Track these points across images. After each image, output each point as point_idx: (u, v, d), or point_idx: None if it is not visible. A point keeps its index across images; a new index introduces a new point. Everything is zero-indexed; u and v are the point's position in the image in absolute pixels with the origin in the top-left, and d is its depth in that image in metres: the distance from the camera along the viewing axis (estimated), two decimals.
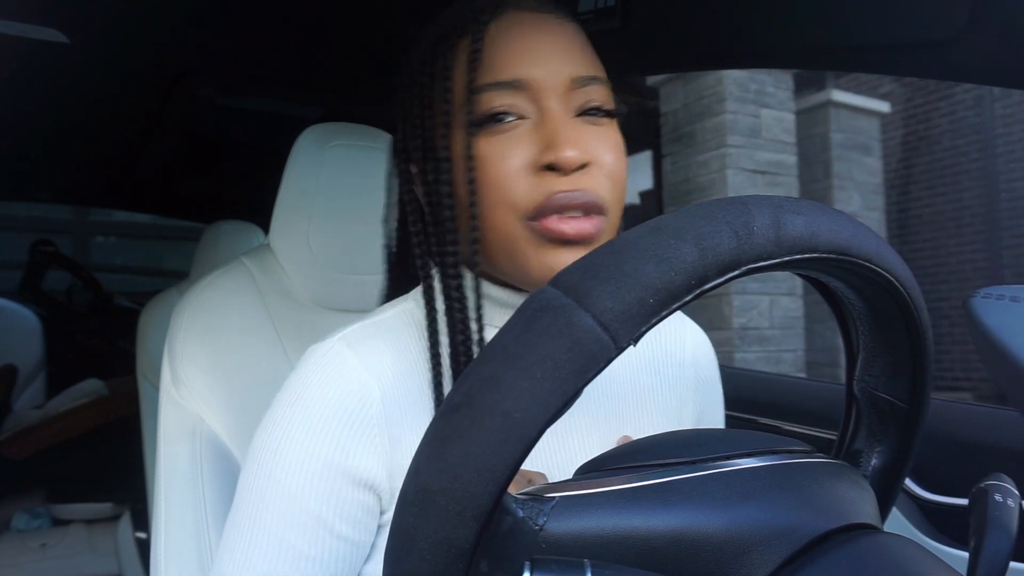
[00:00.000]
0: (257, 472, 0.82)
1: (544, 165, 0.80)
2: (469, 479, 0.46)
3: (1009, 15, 0.88)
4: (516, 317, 0.48)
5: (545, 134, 0.81)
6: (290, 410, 0.82)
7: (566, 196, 0.80)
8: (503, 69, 0.83)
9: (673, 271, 0.48)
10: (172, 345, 1.22)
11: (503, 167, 0.81)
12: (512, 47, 0.84)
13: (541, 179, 0.80)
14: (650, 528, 0.52)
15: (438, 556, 0.47)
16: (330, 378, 0.81)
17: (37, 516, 3.02)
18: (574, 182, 0.80)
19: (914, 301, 0.62)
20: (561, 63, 0.84)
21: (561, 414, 0.47)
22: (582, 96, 0.84)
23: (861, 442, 0.74)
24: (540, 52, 0.84)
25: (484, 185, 0.82)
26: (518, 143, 0.82)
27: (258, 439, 0.84)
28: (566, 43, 0.86)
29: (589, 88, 0.85)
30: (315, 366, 0.83)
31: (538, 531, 0.51)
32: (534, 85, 0.82)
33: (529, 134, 0.82)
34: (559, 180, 0.80)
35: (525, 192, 0.80)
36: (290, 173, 1.30)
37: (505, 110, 0.82)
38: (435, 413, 0.49)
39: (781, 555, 0.53)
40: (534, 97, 0.82)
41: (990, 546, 0.60)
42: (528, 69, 0.83)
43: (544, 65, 0.83)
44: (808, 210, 0.53)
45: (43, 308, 3.75)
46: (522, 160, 0.81)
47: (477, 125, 0.82)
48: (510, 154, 0.81)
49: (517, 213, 0.81)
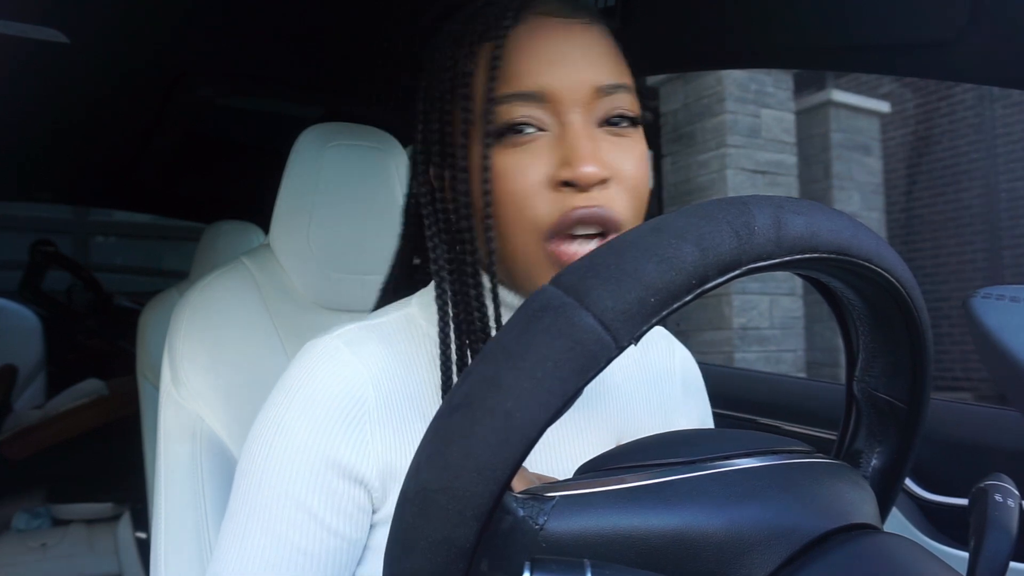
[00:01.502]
0: (252, 466, 0.82)
1: (561, 181, 0.78)
2: (470, 478, 0.46)
3: (1008, 15, 0.88)
4: (516, 317, 0.48)
5: (564, 149, 0.79)
6: (286, 404, 0.81)
7: (583, 212, 0.78)
8: (524, 79, 0.80)
9: (674, 271, 0.48)
10: (172, 345, 1.22)
11: (520, 182, 0.79)
12: (534, 55, 0.81)
13: (559, 195, 0.79)
14: (650, 528, 0.52)
15: (438, 555, 0.47)
16: (327, 374, 0.81)
17: (37, 516, 3.02)
18: (592, 198, 0.78)
19: (914, 301, 0.62)
20: (585, 72, 0.81)
21: (561, 414, 0.47)
22: (606, 105, 0.82)
23: (861, 442, 0.74)
24: (563, 61, 0.81)
25: (501, 199, 0.80)
26: (537, 157, 0.80)
27: (253, 432, 0.84)
28: (590, 50, 0.83)
29: (614, 96, 0.82)
30: (312, 362, 0.83)
31: (538, 530, 0.51)
32: (556, 96, 0.80)
33: (548, 147, 0.80)
34: (576, 196, 0.78)
35: (543, 209, 0.79)
36: (290, 173, 1.30)
37: (525, 122, 0.80)
38: (436, 413, 0.49)
39: (781, 555, 0.53)
40: (555, 109, 0.80)
41: (990, 546, 0.60)
42: (550, 79, 0.80)
43: (567, 75, 0.80)
44: (808, 210, 0.53)
45: (43, 308, 3.75)
46: (540, 175, 0.79)
47: (495, 136, 0.80)
48: (528, 169, 0.79)
49: (536, 232, 0.79)
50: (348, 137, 1.33)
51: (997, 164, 8.50)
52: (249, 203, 2.80)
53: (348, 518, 0.81)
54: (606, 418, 0.95)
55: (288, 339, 1.25)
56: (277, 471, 0.80)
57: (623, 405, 0.98)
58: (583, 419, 0.93)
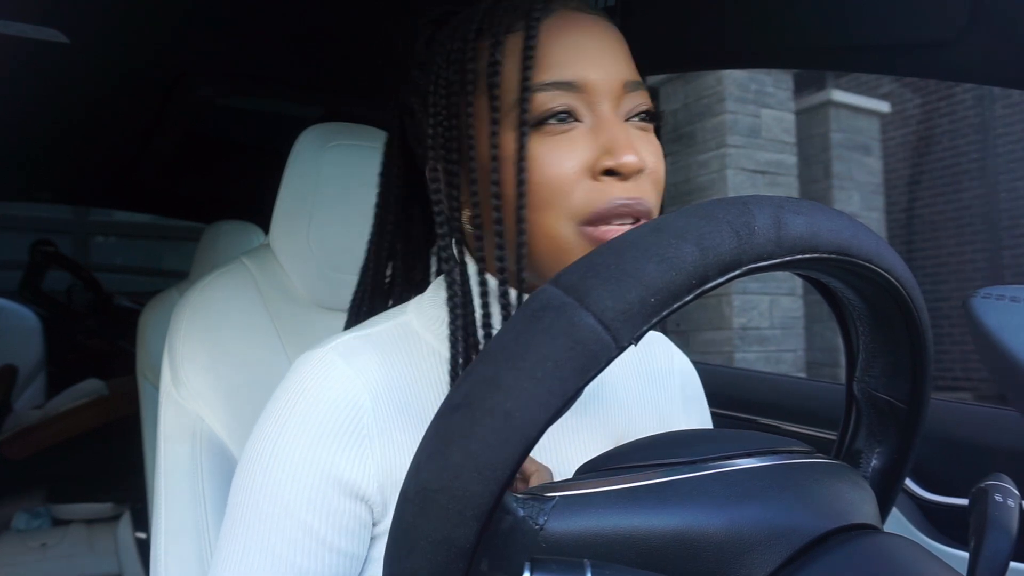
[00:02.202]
0: (250, 483, 0.81)
1: (604, 170, 0.78)
2: (470, 478, 0.46)
3: (1007, 16, 0.88)
4: (517, 317, 0.48)
5: (604, 138, 0.79)
6: (281, 420, 0.80)
7: (626, 202, 0.79)
8: (562, 68, 0.81)
9: (674, 271, 0.48)
10: (172, 345, 1.22)
11: (561, 169, 0.79)
12: (568, 46, 0.82)
13: (599, 184, 0.79)
14: (650, 528, 0.52)
15: (439, 555, 0.47)
16: (322, 388, 0.80)
17: (37, 516, 3.02)
18: (631, 190, 0.79)
19: (914, 301, 0.62)
20: (615, 66, 0.83)
21: (562, 414, 0.47)
22: (632, 100, 0.83)
23: (861, 442, 0.74)
24: (595, 53, 0.82)
25: (536, 187, 0.79)
26: (575, 145, 0.80)
27: (249, 448, 0.83)
28: (617, 46, 0.85)
29: (637, 92, 0.84)
30: (307, 375, 0.82)
31: (538, 530, 0.51)
32: (591, 87, 0.81)
33: (585, 137, 0.80)
34: (618, 186, 0.79)
35: (583, 196, 0.79)
36: (290, 173, 1.30)
37: (565, 110, 0.80)
38: (436, 413, 0.49)
39: (781, 555, 0.53)
40: (589, 100, 0.81)
41: (990, 546, 0.60)
42: (585, 70, 0.81)
43: (600, 67, 0.82)
44: (808, 210, 0.54)
45: (43, 308, 3.75)
46: (580, 163, 0.79)
47: (531, 125, 0.80)
48: (568, 156, 0.79)
49: (572, 217, 0.79)
50: (348, 137, 1.33)
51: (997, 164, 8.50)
52: (249, 203, 2.80)
53: (349, 534, 0.80)
54: (604, 421, 0.95)
55: (288, 339, 1.25)
56: (275, 489, 0.79)
57: (621, 408, 0.98)
58: (580, 422, 0.93)
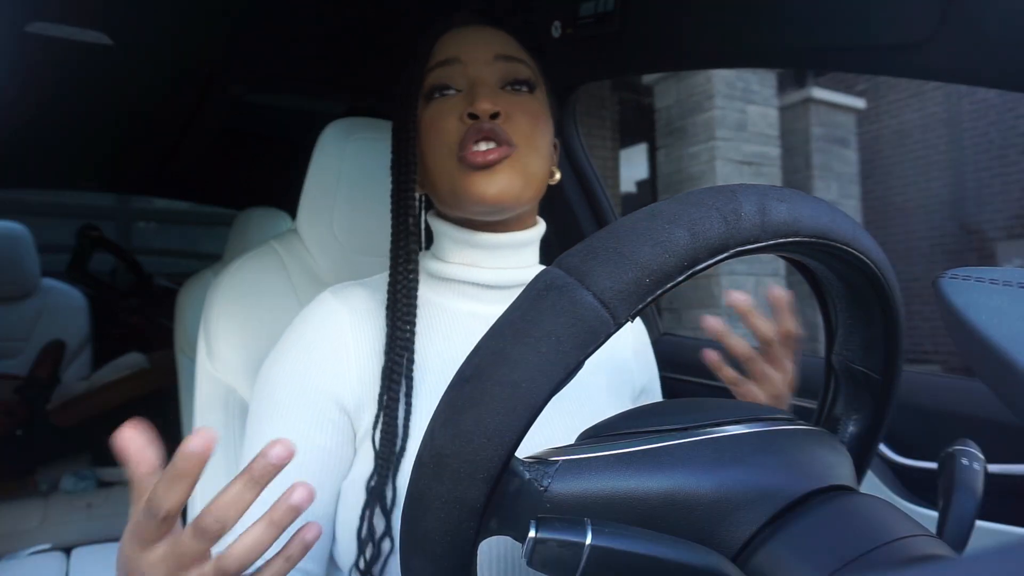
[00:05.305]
0: (257, 392, 0.93)
1: (467, 114, 0.92)
2: (480, 444, 0.46)
3: (975, 18, 0.87)
4: (523, 295, 0.49)
5: (471, 97, 0.93)
6: (282, 343, 0.93)
7: (481, 128, 0.91)
8: (443, 53, 0.98)
9: (667, 253, 0.48)
10: (207, 322, 1.22)
11: (441, 122, 0.94)
12: (451, 40, 0.99)
13: (465, 123, 0.93)
14: (646, 489, 0.52)
15: (451, 514, 0.47)
16: (314, 316, 0.93)
17: (83, 478, 3.02)
18: (489, 123, 0.92)
19: (888, 281, 0.62)
20: (485, 44, 0.98)
21: (564, 384, 0.47)
22: (504, 69, 0.97)
23: (839, 410, 0.74)
24: (471, 38, 0.98)
25: (427, 136, 0.96)
26: (452, 104, 0.95)
27: (263, 365, 0.95)
28: (492, 34, 0.99)
29: (511, 65, 0.97)
30: (308, 310, 0.95)
31: (543, 492, 0.51)
32: (463, 59, 0.96)
33: (459, 99, 0.95)
34: (477, 123, 0.92)
35: (455, 135, 0.93)
36: (315, 164, 1.29)
37: (443, 83, 0.96)
38: (449, 384, 0.49)
39: (766, 513, 0.53)
40: (464, 72, 0.96)
41: (958, 506, 0.60)
42: (459, 49, 0.97)
43: (472, 45, 0.97)
44: (791, 198, 0.53)
45: (89, 288, 3.74)
46: (454, 115, 0.94)
47: (427, 97, 0.97)
48: (447, 113, 0.94)
49: (450, 151, 0.93)
50: (369, 131, 1.32)
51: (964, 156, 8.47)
52: (278, 191, 2.79)
53: (334, 431, 0.89)
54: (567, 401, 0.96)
55: None
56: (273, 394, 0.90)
57: (584, 387, 1.00)
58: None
